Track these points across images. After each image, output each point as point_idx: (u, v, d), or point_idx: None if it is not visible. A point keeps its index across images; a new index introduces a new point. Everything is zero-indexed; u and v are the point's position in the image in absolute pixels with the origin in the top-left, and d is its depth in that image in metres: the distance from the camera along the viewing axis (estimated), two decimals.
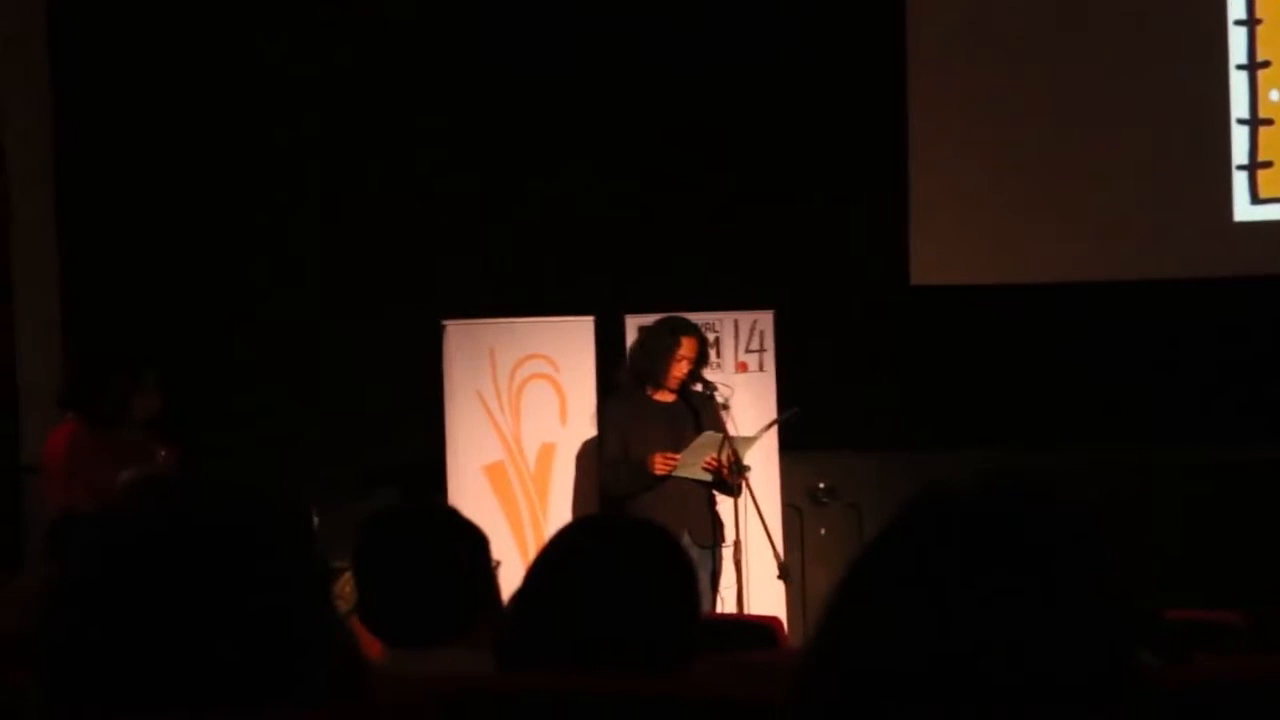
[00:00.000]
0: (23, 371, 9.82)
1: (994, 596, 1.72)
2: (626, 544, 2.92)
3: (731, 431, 8.14)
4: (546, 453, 9.18)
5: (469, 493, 9.01)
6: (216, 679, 1.87)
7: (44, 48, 10.20)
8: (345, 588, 8.58)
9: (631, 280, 9.81)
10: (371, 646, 3.48)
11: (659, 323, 8.40)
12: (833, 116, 10.07)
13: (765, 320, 9.32)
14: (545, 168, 10.19)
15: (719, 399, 8.27)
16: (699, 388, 8.30)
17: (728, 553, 8.17)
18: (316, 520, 8.52)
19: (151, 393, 8.04)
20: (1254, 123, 9.99)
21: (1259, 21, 9.95)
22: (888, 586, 1.77)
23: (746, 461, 8.11)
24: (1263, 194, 9.98)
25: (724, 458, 8.03)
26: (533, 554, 3.02)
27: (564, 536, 2.98)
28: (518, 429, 9.20)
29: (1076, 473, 8.91)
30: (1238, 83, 9.99)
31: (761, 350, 9.28)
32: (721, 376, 8.74)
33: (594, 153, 10.14)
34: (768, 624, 6.23)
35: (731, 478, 8.04)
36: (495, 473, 9.18)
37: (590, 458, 8.96)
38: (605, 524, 3.32)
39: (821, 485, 9.78)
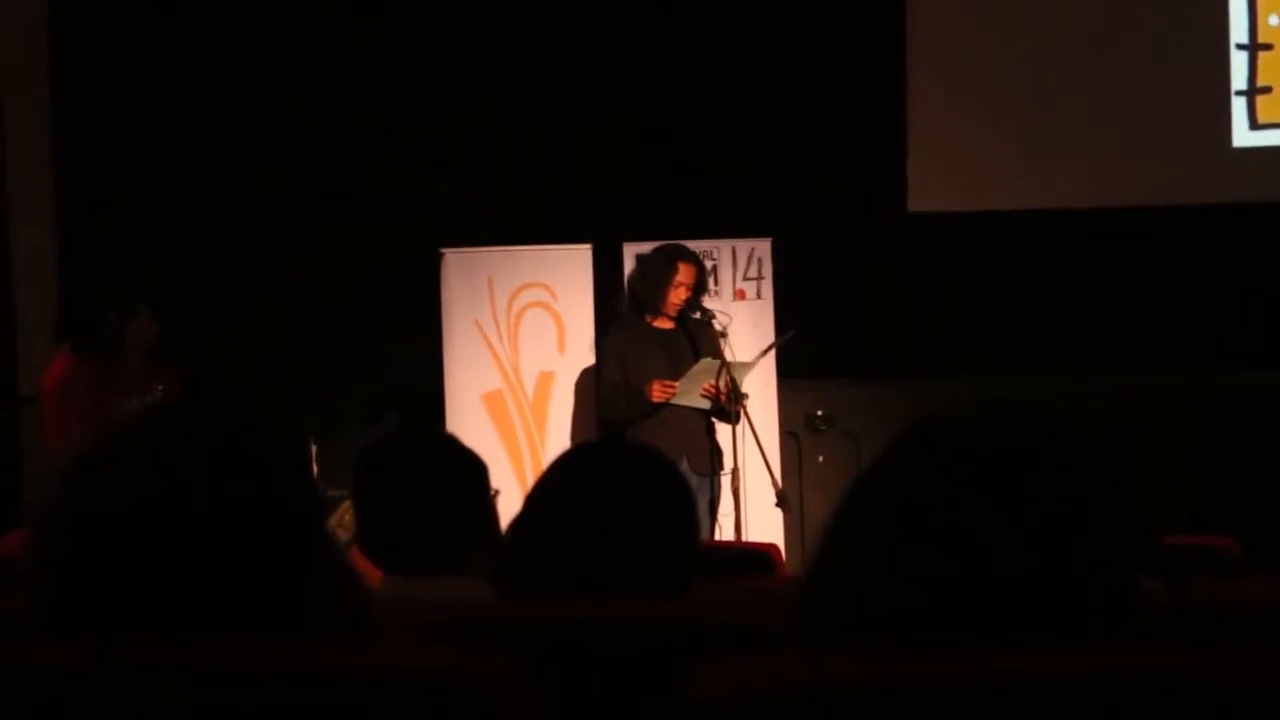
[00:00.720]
0: (20, 304, 9.81)
1: (991, 524, 1.72)
2: (624, 470, 2.91)
3: (730, 359, 8.13)
4: (545, 381, 9.19)
5: (467, 421, 9.02)
6: (213, 606, 1.87)
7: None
8: (345, 516, 8.59)
9: (629, 208, 9.79)
10: (371, 575, 3.48)
11: (657, 250, 8.39)
12: (830, 42, 10.03)
13: (763, 248, 9.31)
14: (543, 96, 10.15)
15: (717, 326, 8.26)
16: (698, 315, 8.30)
17: (726, 480, 8.18)
18: (316, 449, 8.55)
19: (145, 322, 8.05)
20: (1253, 48, 9.95)
21: None
22: (884, 514, 1.77)
23: (745, 389, 8.12)
24: (1262, 119, 9.96)
25: (722, 384, 8.03)
26: (531, 483, 3.02)
27: (562, 463, 2.98)
28: (516, 357, 9.20)
29: (1074, 399, 8.92)
30: (1237, 7, 9.95)
31: (760, 278, 9.28)
32: (720, 304, 8.74)
33: (592, 81, 10.10)
34: (765, 551, 6.24)
35: (730, 405, 8.04)
36: (494, 401, 9.19)
37: (589, 386, 8.96)
38: (603, 450, 3.31)
39: (819, 413, 9.79)
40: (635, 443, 6.73)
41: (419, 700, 1.67)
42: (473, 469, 3.60)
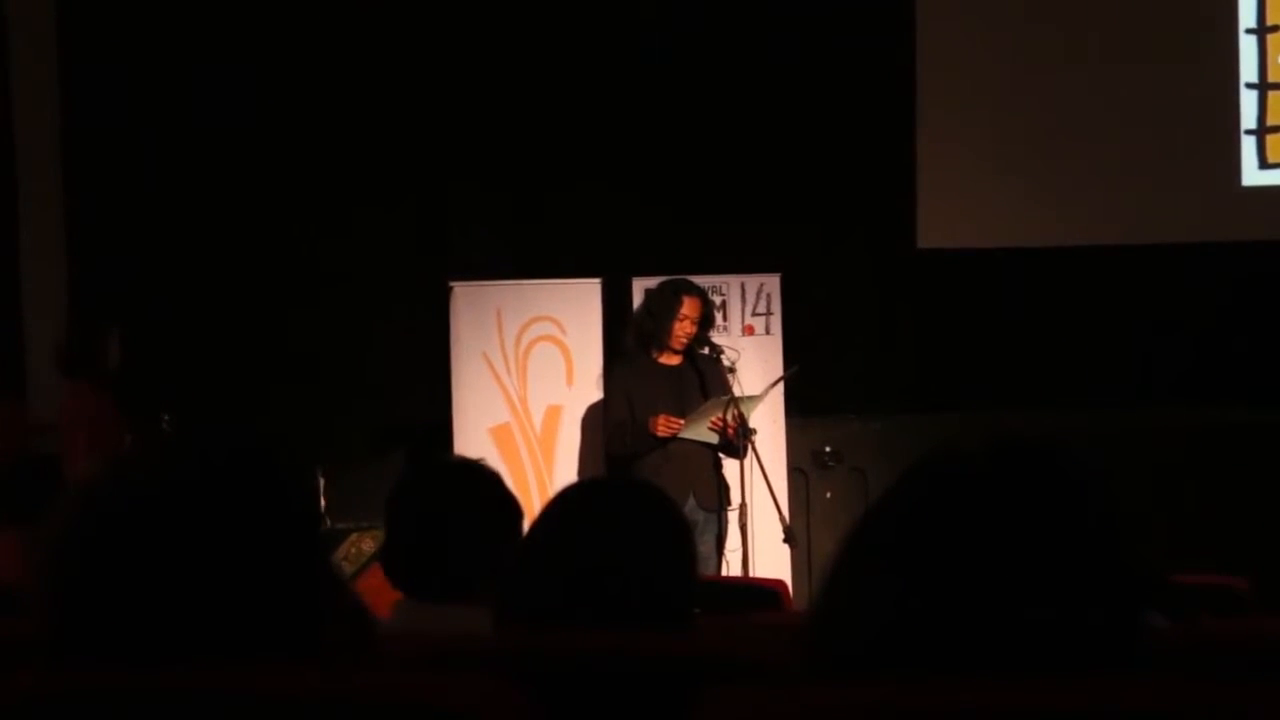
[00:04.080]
0: (30, 335, 9.82)
1: (997, 558, 1.72)
2: (620, 505, 2.91)
3: (738, 394, 8.12)
4: (552, 415, 9.18)
5: (475, 454, 8.97)
6: (213, 634, 1.86)
7: (52, 24, 10.18)
8: (353, 548, 8.59)
9: (639, 243, 9.79)
10: (389, 594, 3.48)
11: (661, 284, 8.38)
12: (841, 79, 10.04)
13: (772, 283, 9.31)
14: (553, 130, 10.17)
15: (725, 362, 8.25)
16: (705, 351, 8.29)
17: (733, 516, 8.17)
18: (323, 481, 8.55)
19: (110, 346, 8.10)
20: (1263, 87, 9.96)
21: None
22: (891, 548, 1.77)
23: (752, 424, 8.10)
24: (1271, 159, 9.97)
25: (730, 418, 8.02)
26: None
27: (559, 499, 2.97)
28: (524, 391, 9.21)
29: (1083, 435, 8.91)
30: (1247, 47, 9.97)
31: (768, 313, 9.28)
32: (728, 340, 8.74)
33: (602, 115, 10.12)
34: (773, 587, 6.23)
35: (737, 440, 8.03)
36: (501, 435, 9.18)
37: (597, 420, 8.95)
38: (600, 486, 3.31)
39: (827, 449, 9.78)
40: (631, 478, 6.73)
41: None
42: (511, 512, 3.60)
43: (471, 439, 9.17)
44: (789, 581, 7.88)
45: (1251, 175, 9.98)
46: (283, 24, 10.16)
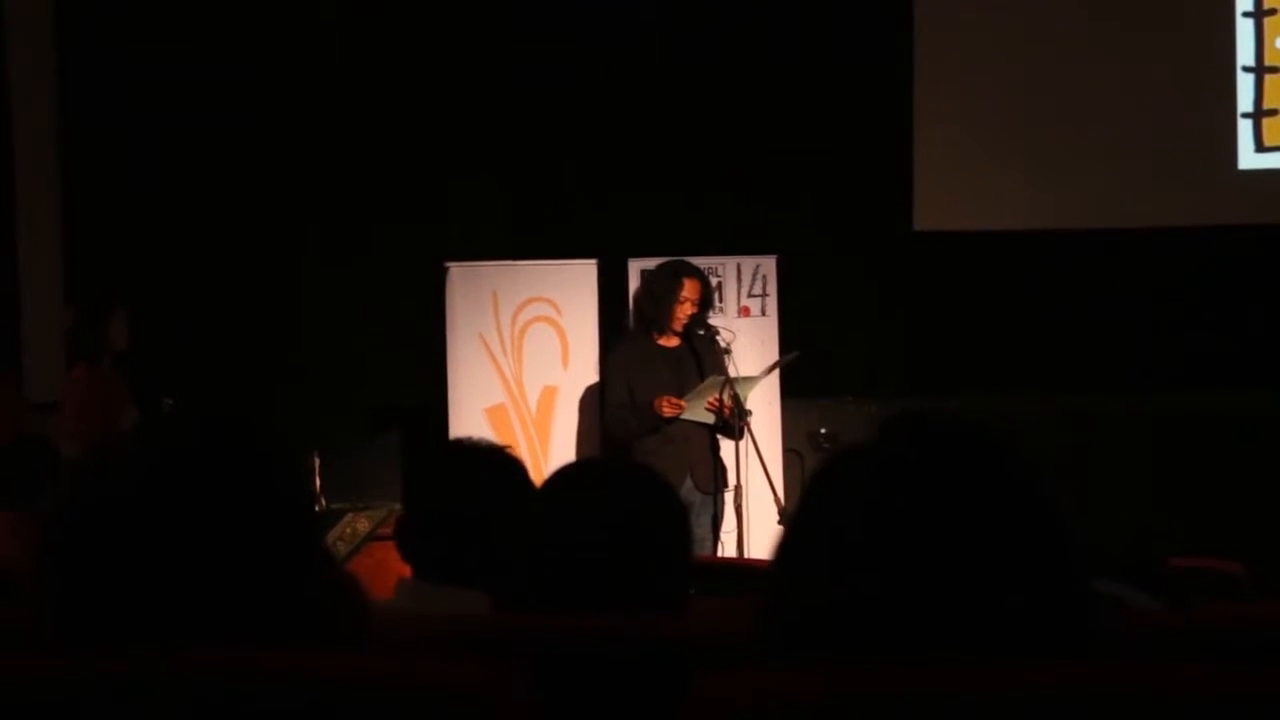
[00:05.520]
0: (27, 316, 9.82)
1: (899, 541, 1.74)
2: (616, 487, 2.91)
3: (734, 375, 8.13)
4: (548, 396, 9.19)
5: (470, 435, 8.99)
6: (208, 617, 1.87)
7: (50, 14, 10.17)
8: (348, 529, 8.58)
9: (635, 224, 9.79)
10: (389, 574, 3.47)
11: (662, 266, 8.39)
12: (838, 61, 10.04)
13: (768, 265, 9.31)
14: (550, 110, 10.16)
15: (722, 343, 8.25)
16: (702, 332, 8.29)
17: (729, 498, 8.18)
18: (318, 462, 8.55)
19: (119, 325, 8.12)
20: (1259, 70, 9.96)
21: None
22: (816, 541, 1.80)
23: (748, 406, 8.12)
24: (1268, 142, 9.97)
25: (726, 398, 8.03)
26: None
27: (555, 480, 2.97)
28: (519, 372, 9.21)
29: (1079, 418, 8.93)
30: (1244, 30, 9.96)
31: (764, 295, 9.28)
32: (724, 321, 8.74)
33: (599, 96, 10.11)
34: (768, 568, 6.23)
35: (733, 420, 8.04)
36: (497, 415, 9.19)
37: (592, 401, 8.96)
38: (595, 468, 3.30)
39: (823, 430, 9.79)
40: (641, 461, 6.73)
41: (414, 711, 1.67)
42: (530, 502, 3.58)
43: (467, 419, 9.17)
44: None
45: (1248, 158, 9.98)
46: (277, 5, 10.15)
